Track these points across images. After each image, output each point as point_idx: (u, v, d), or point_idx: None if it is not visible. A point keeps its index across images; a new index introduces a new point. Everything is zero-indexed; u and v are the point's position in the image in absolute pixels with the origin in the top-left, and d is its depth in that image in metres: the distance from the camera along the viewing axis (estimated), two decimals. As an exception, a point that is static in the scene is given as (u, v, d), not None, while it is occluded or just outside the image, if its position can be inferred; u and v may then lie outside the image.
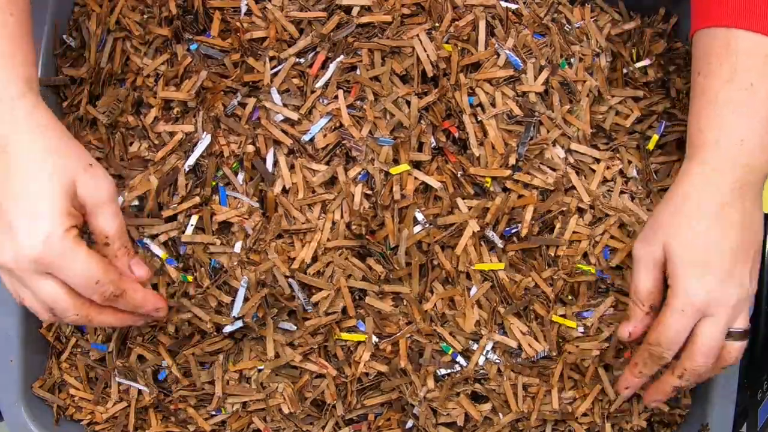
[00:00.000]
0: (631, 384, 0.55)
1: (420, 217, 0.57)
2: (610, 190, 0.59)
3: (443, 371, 0.58)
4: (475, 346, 0.58)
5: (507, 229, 0.58)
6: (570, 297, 0.59)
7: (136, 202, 0.57)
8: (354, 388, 0.58)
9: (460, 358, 0.58)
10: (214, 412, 0.59)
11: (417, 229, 0.57)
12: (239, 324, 0.57)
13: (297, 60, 0.58)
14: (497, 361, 0.58)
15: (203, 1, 0.58)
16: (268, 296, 0.56)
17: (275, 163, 0.57)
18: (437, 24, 0.58)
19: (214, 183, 0.56)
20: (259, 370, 0.58)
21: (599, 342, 0.58)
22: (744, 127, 0.51)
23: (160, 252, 0.56)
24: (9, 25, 0.48)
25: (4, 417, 0.59)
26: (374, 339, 0.57)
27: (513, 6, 0.60)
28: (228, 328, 0.57)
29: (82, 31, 0.60)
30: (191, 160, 0.56)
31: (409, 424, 0.58)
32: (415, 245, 0.57)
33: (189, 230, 0.56)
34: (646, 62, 0.62)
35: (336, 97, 0.57)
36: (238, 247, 0.56)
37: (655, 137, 0.61)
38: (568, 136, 0.59)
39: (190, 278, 0.56)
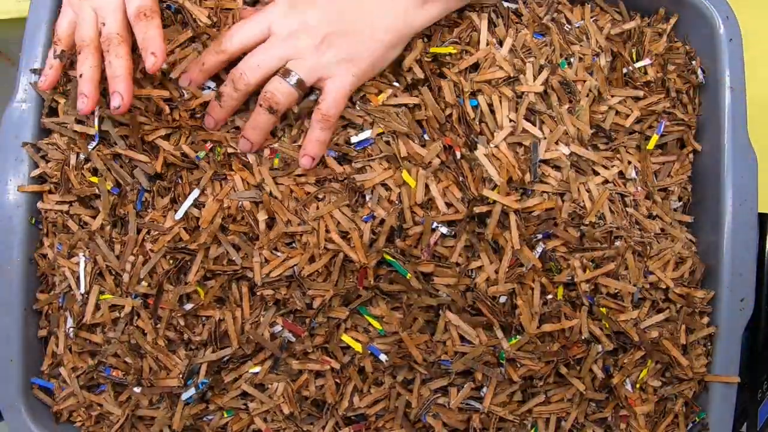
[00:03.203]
0: (192, 77, 0.55)
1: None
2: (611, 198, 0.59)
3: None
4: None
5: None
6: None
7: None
8: (354, 388, 0.58)
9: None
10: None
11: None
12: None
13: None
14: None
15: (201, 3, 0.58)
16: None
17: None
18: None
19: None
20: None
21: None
22: None
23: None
24: None
25: (5, 417, 0.59)
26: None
27: (513, 6, 0.60)
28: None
29: (81, 31, 0.60)
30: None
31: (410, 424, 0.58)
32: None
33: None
34: (646, 62, 0.62)
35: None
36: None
37: (655, 137, 0.61)
38: (569, 135, 0.59)
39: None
